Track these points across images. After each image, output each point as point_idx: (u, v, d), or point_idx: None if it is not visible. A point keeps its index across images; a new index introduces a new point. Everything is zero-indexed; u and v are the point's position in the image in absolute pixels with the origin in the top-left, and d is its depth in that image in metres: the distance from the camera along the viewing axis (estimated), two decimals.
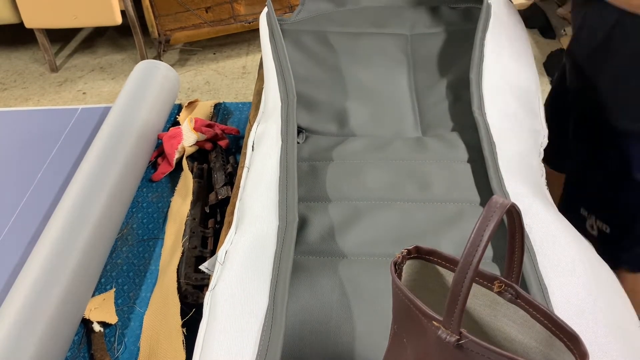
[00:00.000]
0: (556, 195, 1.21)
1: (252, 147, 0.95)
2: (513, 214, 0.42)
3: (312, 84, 1.10)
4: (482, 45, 1.00)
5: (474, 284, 0.47)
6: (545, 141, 0.91)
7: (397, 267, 0.48)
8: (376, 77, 1.13)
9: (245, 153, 0.98)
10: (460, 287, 0.39)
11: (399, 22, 1.25)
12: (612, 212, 1.04)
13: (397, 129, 1.03)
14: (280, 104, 0.95)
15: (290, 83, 0.97)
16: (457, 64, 1.11)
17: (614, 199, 1.03)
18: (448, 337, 0.39)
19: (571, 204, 1.12)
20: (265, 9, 1.14)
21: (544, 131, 0.92)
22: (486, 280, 0.47)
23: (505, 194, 0.79)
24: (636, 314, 0.67)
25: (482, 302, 0.48)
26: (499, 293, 0.46)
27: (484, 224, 0.38)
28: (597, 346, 0.60)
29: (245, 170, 0.92)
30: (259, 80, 1.23)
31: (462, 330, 0.39)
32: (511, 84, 0.98)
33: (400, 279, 0.49)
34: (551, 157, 0.88)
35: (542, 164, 0.89)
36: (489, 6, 1.07)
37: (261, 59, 1.17)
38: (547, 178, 0.90)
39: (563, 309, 0.64)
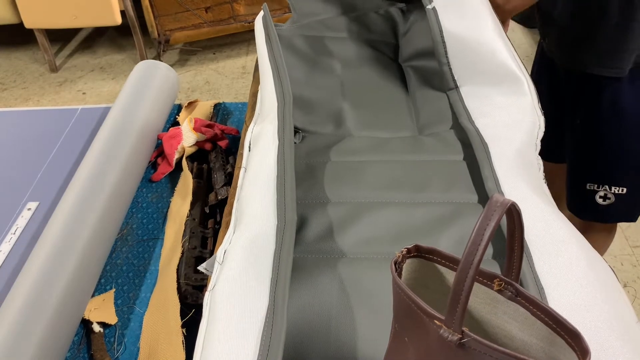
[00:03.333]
0: (562, 187, 1.24)
1: (249, 147, 0.95)
2: (513, 213, 0.42)
3: (307, 86, 1.10)
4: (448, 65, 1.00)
5: (474, 282, 0.47)
6: (541, 133, 0.89)
7: (397, 266, 0.48)
8: (371, 77, 1.13)
9: (241, 154, 0.98)
10: (461, 286, 0.39)
11: (390, 24, 1.26)
12: (624, 173, 1.13)
13: (394, 128, 1.03)
14: (276, 104, 0.95)
15: (286, 83, 0.97)
16: None
17: (622, 160, 1.11)
18: (450, 336, 0.39)
19: (576, 184, 1.16)
20: (261, 12, 1.14)
21: (540, 120, 0.91)
22: (486, 279, 0.47)
23: (501, 194, 0.79)
24: (634, 311, 0.66)
25: (482, 300, 0.48)
26: (499, 291, 0.46)
27: (484, 223, 0.38)
28: (597, 344, 0.60)
29: (242, 170, 0.92)
30: (255, 82, 1.23)
31: (464, 328, 0.39)
32: (497, 78, 0.96)
33: (400, 278, 0.49)
34: (551, 150, 0.90)
35: (540, 158, 0.88)
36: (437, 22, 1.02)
37: (257, 60, 1.17)
38: (549, 173, 0.90)
39: (562, 307, 0.64)
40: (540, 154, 0.89)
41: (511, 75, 0.95)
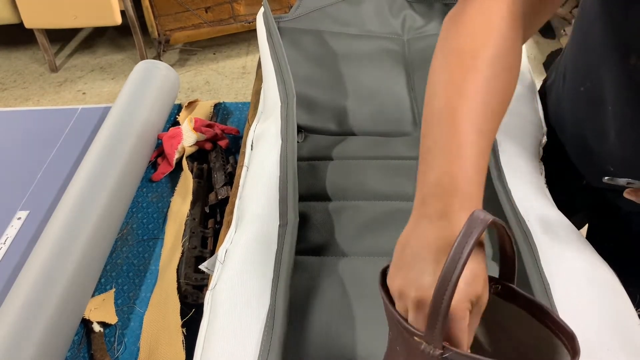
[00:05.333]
0: None
1: (251, 146, 0.96)
2: (498, 227, 0.42)
3: (310, 84, 1.10)
4: None
5: None
6: (544, 140, 0.91)
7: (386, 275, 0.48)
8: (375, 77, 1.13)
9: (244, 152, 0.98)
10: (439, 303, 0.38)
11: (395, 22, 1.25)
12: None
13: (396, 128, 1.03)
14: (279, 103, 0.95)
15: (289, 82, 0.97)
16: None
17: None
18: (431, 351, 0.39)
19: None
20: (262, 9, 1.14)
21: (544, 129, 0.92)
22: None
23: (507, 191, 0.79)
24: (635, 313, 0.67)
25: None
26: (496, 293, 0.46)
27: (464, 240, 0.37)
28: (599, 342, 0.60)
29: (244, 169, 0.92)
30: (258, 80, 1.23)
31: (445, 343, 0.39)
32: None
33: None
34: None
35: (542, 163, 0.89)
36: None
37: (259, 58, 1.17)
38: None
39: (565, 305, 0.64)
40: None
41: (524, 81, 0.98)
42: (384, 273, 0.47)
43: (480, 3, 0.54)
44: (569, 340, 0.41)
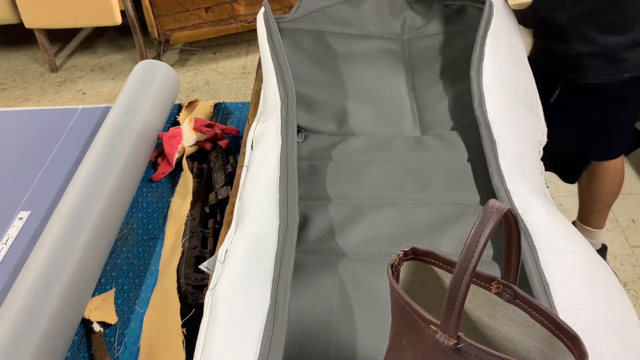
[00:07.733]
0: None
1: (251, 146, 0.96)
2: (509, 217, 0.42)
3: (310, 84, 1.10)
4: (482, 44, 1.00)
5: (472, 285, 0.47)
6: (544, 139, 0.91)
7: (394, 269, 0.48)
8: (375, 77, 1.13)
9: (244, 152, 0.98)
10: (457, 291, 0.38)
11: (395, 22, 1.25)
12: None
13: (397, 129, 1.03)
14: (279, 103, 0.95)
15: (289, 82, 0.97)
16: (454, 64, 1.11)
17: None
18: (446, 341, 0.39)
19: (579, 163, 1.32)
20: (262, 9, 1.14)
21: (544, 129, 0.92)
22: (484, 281, 0.47)
23: (506, 192, 0.79)
24: (635, 313, 0.67)
25: (480, 302, 0.48)
26: (498, 294, 0.46)
27: (480, 229, 0.38)
28: (599, 342, 0.60)
29: (244, 169, 0.92)
30: (258, 80, 1.23)
31: (460, 334, 0.39)
32: (510, 83, 0.98)
33: (398, 280, 0.49)
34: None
35: (542, 163, 0.89)
36: (491, 5, 1.06)
37: (260, 58, 1.17)
38: None
39: (565, 305, 0.64)
40: None
41: (524, 83, 0.99)
42: (392, 265, 0.47)
43: None
44: (573, 342, 0.41)
